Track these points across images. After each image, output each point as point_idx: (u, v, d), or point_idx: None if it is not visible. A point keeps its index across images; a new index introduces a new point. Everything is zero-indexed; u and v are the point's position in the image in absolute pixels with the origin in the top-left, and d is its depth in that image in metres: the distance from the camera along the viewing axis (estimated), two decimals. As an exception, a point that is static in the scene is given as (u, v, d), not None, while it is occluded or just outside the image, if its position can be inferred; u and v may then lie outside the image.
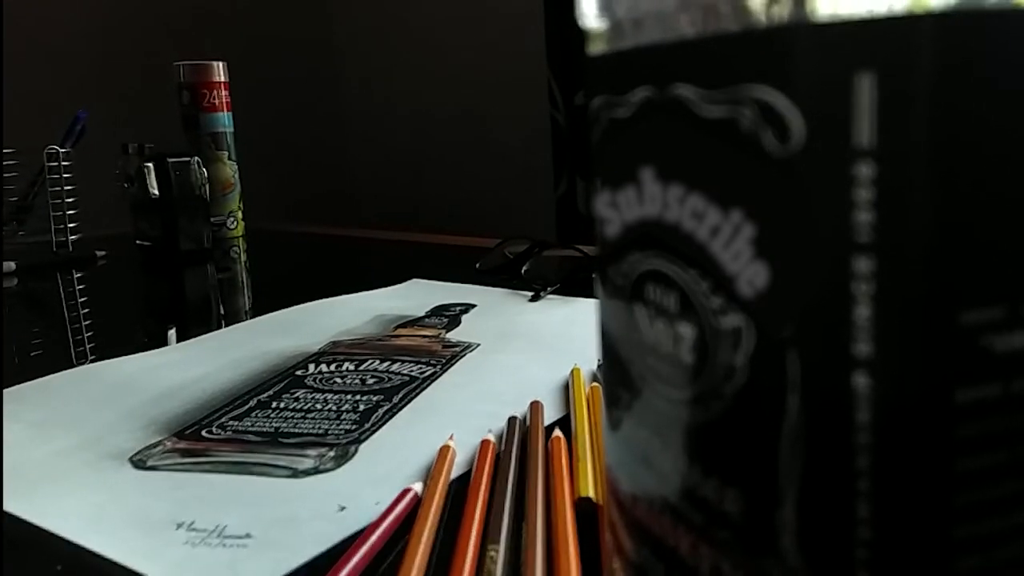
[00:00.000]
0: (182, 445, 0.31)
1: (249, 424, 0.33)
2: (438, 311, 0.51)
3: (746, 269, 0.11)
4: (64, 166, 0.77)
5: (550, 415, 0.32)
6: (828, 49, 0.10)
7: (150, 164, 0.75)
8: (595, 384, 0.34)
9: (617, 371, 0.14)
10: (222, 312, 0.58)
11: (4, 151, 0.76)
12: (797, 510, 0.11)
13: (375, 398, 0.36)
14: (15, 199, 0.80)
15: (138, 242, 0.79)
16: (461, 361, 0.41)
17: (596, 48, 0.13)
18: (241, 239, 0.89)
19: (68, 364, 0.43)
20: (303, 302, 0.54)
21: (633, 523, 0.14)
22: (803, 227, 0.11)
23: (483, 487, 0.25)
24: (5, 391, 0.39)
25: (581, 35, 0.14)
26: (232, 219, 0.89)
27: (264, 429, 0.32)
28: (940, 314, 0.10)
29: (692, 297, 0.12)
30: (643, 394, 0.14)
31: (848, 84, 0.10)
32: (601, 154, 0.14)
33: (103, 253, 0.81)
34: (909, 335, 0.10)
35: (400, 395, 0.36)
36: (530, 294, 0.54)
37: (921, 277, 0.10)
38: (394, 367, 0.40)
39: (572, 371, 0.36)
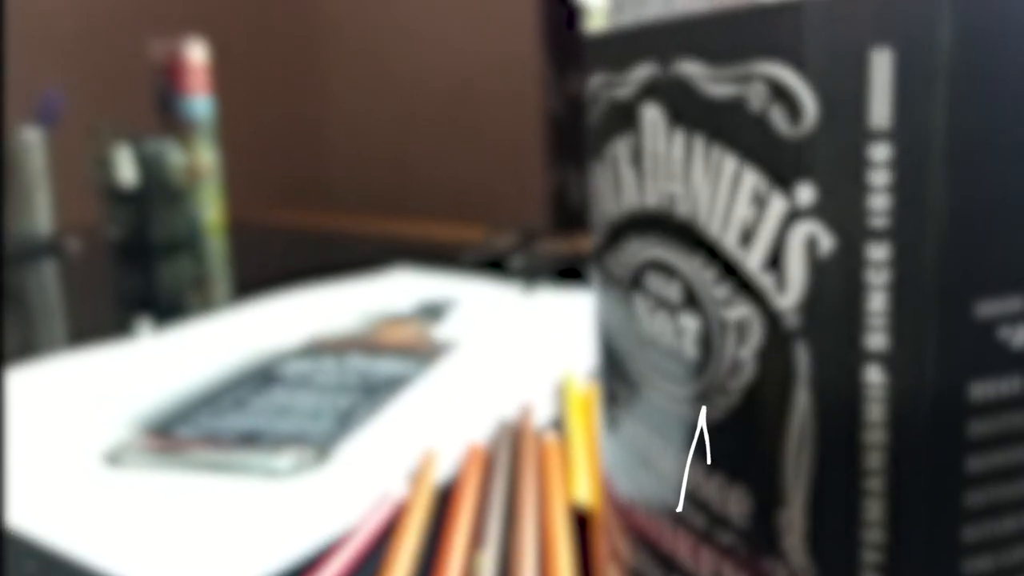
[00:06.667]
0: (156, 443, 0.30)
1: (225, 422, 0.32)
2: (423, 306, 0.50)
3: (755, 256, 0.11)
4: (37, 150, 0.75)
5: (542, 416, 0.32)
6: (842, 21, 0.10)
7: (124, 149, 0.73)
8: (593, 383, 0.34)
9: (614, 367, 0.14)
10: (199, 304, 0.57)
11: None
12: (804, 511, 0.11)
13: (357, 397, 0.35)
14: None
15: (112, 231, 0.77)
16: (447, 359, 0.40)
17: (595, 24, 0.13)
18: (220, 228, 0.87)
19: (38, 358, 0.42)
20: (283, 293, 0.53)
21: (630, 527, 0.14)
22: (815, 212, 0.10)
23: (470, 492, 0.25)
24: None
25: (577, 11, 0.13)
26: (210, 207, 0.87)
27: (241, 428, 0.31)
28: (956, 304, 0.10)
29: (696, 287, 0.12)
30: (642, 391, 0.13)
31: (864, 59, 0.10)
32: (599, 136, 0.14)
33: (76, 243, 0.79)
34: (925, 326, 0.10)
35: (383, 394, 0.35)
36: (520, 287, 0.53)
37: (938, 265, 0.10)
38: (377, 364, 0.39)
39: (565, 369, 0.35)
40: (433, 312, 0.49)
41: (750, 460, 0.11)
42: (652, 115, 0.12)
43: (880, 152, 0.10)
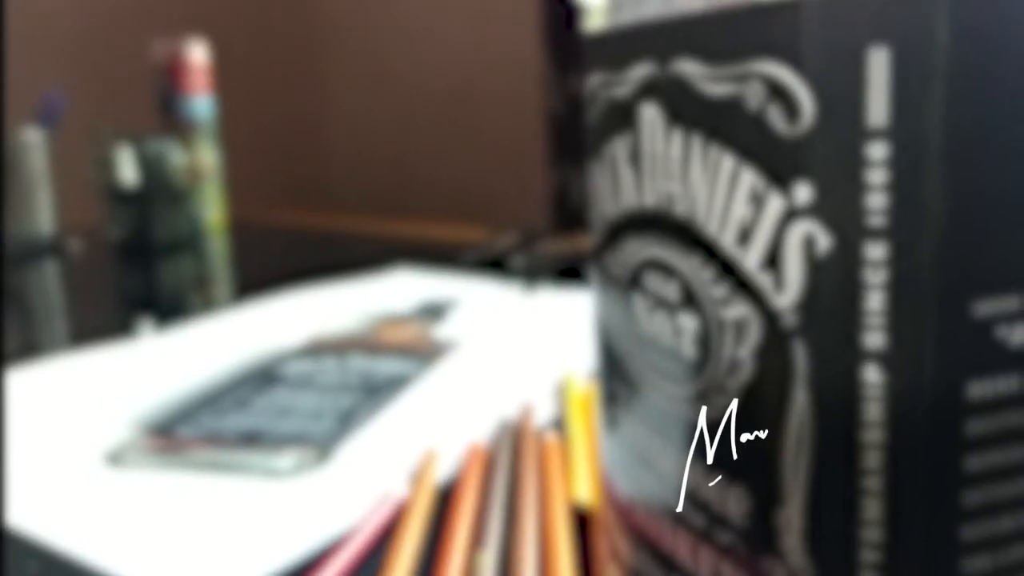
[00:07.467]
0: (158, 443, 0.30)
1: (227, 422, 0.32)
2: (424, 306, 0.50)
3: (752, 255, 0.11)
4: (38, 150, 0.75)
5: (543, 416, 0.32)
6: (840, 20, 0.10)
7: (125, 149, 0.73)
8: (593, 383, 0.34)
9: (614, 367, 0.14)
10: (200, 304, 0.57)
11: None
12: (802, 510, 0.11)
13: (357, 397, 0.35)
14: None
15: (113, 231, 0.77)
16: (448, 359, 0.40)
17: (593, 23, 0.13)
18: (221, 228, 0.87)
19: (39, 358, 0.42)
20: (285, 293, 0.54)
21: (630, 527, 0.14)
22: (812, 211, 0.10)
23: (471, 492, 0.25)
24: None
25: (576, 11, 0.13)
26: (211, 207, 0.87)
27: (242, 428, 0.31)
28: (954, 303, 0.10)
29: (694, 286, 0.12)
30: (642, 391, 0.13)
31: (861, 58, 0.10)
32: (598, 135, 0.14)
33: (77, 243, 0.79)
34: (923, 325, 0.10)
35: (384, 394, 0.35)
36: (521, 287, 0.53)
37: (936, 264, 0.10)
38: (378, 364, 0.39)
39: (565, 369, 0.35)
40: (434, 312, 0.49)
41: (748, 460, 0.11)
42: (650, 114, 0.12)
43: (877, 151, 0.10)
